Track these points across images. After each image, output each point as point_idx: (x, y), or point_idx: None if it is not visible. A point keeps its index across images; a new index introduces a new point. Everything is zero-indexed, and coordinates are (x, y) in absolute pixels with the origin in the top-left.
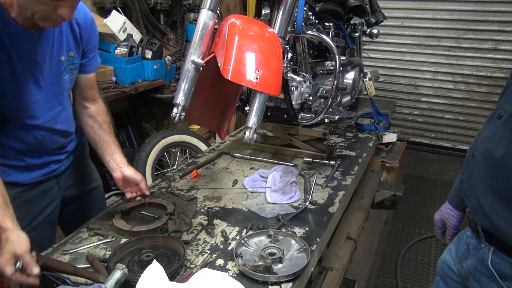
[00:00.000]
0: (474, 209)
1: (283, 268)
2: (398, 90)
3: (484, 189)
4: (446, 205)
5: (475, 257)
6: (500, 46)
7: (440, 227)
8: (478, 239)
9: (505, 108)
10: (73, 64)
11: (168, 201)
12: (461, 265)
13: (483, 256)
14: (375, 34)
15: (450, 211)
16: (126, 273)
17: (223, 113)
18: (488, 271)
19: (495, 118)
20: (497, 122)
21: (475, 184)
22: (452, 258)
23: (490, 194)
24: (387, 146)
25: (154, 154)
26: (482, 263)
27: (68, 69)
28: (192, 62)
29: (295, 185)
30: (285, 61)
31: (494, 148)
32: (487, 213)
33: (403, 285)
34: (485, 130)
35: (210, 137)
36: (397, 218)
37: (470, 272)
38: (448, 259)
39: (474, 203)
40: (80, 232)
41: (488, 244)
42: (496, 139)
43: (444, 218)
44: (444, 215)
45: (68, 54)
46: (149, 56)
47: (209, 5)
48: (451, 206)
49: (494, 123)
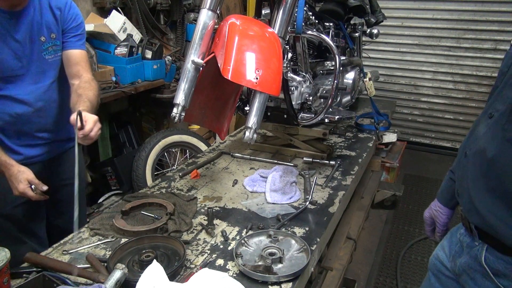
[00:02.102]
0: (467, 207)
1: (283, 268)
2: (398, 90)
3: (476, 187)
4: (435, 202)
5: (469, 255)
6: (500, 46)
7: (429, 225)
8: (471, 237)
9: (496, 107)
10: (56, 46)
11: (168, 201)
12: (454, 262)
13: (477, 254)
14: (375, 34)
15: (440, 209)
16: (126, 273)
17: (223, 113)
18: (482, 268)
19: (486, 117)
20: (489, 121)
21: (467, 182)
22: (446, 255)
23: (483, 192)
24: (387, 146)
25: (154, 154)
26: (476, 260)
27: (51, 50)
28: (192, 62)
29: (295, 185)
30: (285, 61)
31: (486, 147)
32: (480, 211)
33: (403, 285)
34: (477, 129)
35: (210, 137)
36: (397, 218)
37: (464, 270)
38: (441, 255)
39: (466, 201)
40: (80, 232)
41: (482, 242)
42: (487, 138)
43: (433, 215)
44: (433, 212)
45: (50, 36)
46: (149, 56)
47: (209, 5)
48: (440, 204)
49: (485, 122)
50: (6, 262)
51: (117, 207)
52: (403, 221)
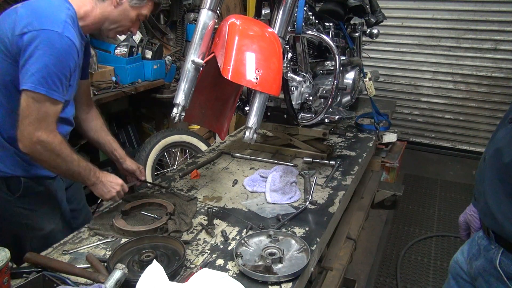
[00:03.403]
0: (483, 211)
1: (283, 268)
2: (398, 90)
3: (493, 191)
4: (470, 207)
5: (485, 258)
6: (500, 46)
7: (464, 229)
8: (489, 240)
9: None
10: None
11: (168, 201)
12: (471, 265)
13: (492, 257)
14: (375, 34)
15: (474, 213)
16: (126, 273)
17: (223, 113)
18: (496, 272)
19: (506, 122)
20: (508, 126)
21: (484, 186)
22: (464, 258)
23: (499, 196)
24: (387, 146)
25: (154, 154)
26: (491, 263)
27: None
28: (192, 62)
29: (295, 185)
30: (285, 61)
31: (503, 152)
32: (496, 215)
33: (403, 285)
34: (497, 134)
35: (210, 137)
36: (397, 218)
37: (479, 273)
38: (460, 259)
39: (483, 205)
40: (80, 232)
41: (498, 245)
42: (505, 143)
43: (468, 220)
44: (468, 217)
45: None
46: (149, 56)
47: (209, 5)
48: (475, 208)
49: (505, 127)
50: (6, 262)
51: (117, 207)
52: (403, 221)
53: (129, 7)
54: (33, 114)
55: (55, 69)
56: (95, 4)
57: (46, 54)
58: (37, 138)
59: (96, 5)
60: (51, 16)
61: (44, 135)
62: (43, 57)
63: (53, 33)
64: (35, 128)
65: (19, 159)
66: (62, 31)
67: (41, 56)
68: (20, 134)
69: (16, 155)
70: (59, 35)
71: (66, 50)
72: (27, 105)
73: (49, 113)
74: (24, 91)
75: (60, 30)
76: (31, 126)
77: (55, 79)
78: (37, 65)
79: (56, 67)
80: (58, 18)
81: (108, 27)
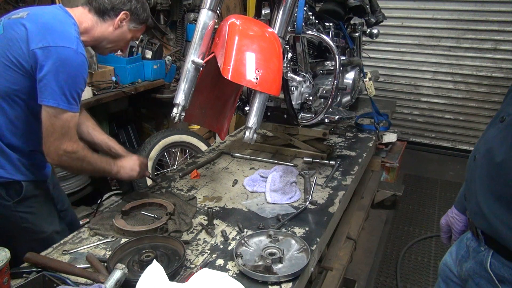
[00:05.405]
0: (473, 211)
1: (283, 268)
2: (398, 90)
3: (484, 192)
4: (452, 209)
5: (475, 260)
6: (500, 46)
7: (446, 232)
8: (478, 242)
9: (508, 111)
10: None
11: (168, 201)
12: (460, 267)
13: (482, 259)
14: (375, 34)
15: (456, 216)
16: (126, 273)
17: (223, 113)
18: (487, 274)
19: (497, 121)
20: (500, 125)
21: (475, 186)
22: (453, 260)
23: (490, 197)
24: (387, 146)
25: (154, 154)
26: (481, 266)
27: None
28: (192, 62)
29: (295, 185)
30: (285, 61)
31: (495, 152)
32: (486, 216)
33: (403, 285)
34: (487, 133)
35: (210, 137)
36: (397, 218)
37: (469, 275)
38: (448, 261)
39: (474, 205)
40: (80, 232)
41: (488, 247)
42: (497, 142)
43: (450, 222)
44: (450, 219)
45: None
46: (149, 56)
47: (209, 5)
48: (457, 211)
49: (496, 126)
50: (6, 262)
51: (117, 207)
52: (403, 221)
53: (127, 30)
54: (57, 131)
55: (73, 84)
56: (96, 23)
57: (65, 71)
58: (63, 150)
59: (97, 24)
60: (64, 33)
61: (69, 147)
62: (62, 74)
63: (69, 50)
64: (60, 143)
65: (19, 164)
66: (76, 48)
67: (60, 73)
68: (47, 150)
69: (17, 160)
70: (74, 51)
71: (81, 65)
72: (51, 123)
73: (70, 126)
74: (46, 107)
75: (74, 47)
76: (57, 141)
77: (74, 93)
78: (57, 82)
79: (74, 82)
80: (70, 35)
81: (105, 46)
